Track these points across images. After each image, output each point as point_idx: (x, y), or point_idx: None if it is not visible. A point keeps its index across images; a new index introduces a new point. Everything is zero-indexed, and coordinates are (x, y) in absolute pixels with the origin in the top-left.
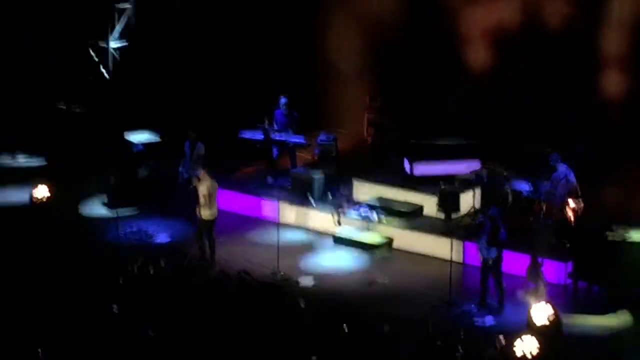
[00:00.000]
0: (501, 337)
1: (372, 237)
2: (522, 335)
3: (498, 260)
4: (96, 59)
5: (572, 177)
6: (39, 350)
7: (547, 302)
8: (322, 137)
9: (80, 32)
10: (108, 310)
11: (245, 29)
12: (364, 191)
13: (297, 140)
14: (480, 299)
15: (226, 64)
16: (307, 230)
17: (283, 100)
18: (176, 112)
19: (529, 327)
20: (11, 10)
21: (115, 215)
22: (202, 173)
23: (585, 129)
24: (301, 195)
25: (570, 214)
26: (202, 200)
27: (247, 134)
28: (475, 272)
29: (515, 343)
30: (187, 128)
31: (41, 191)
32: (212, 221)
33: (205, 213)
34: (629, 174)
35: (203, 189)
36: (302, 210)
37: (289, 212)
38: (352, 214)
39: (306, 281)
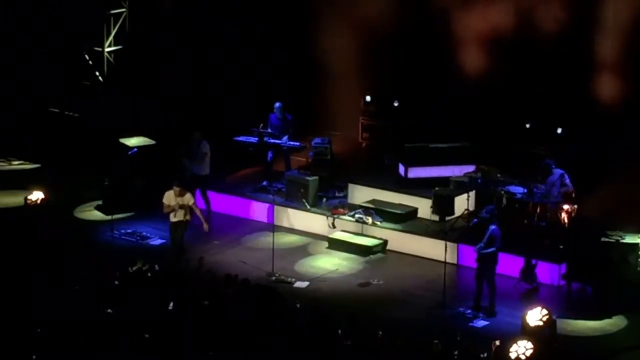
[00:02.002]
0: (496, 342)
1: (366, 240)
2: (516, 337)
3: (492, 260)
4: (91, 63)
5: (568, 181)
6: (33, 356)
7: (540, 303)
8: (316, 140)
9: (76, 36)
10: (103, 312)
11: (239, 32)
12: (359, 194)
13: (292, 144)
14: (475, 301)
15: (221, 68)
16: (302, 232)
17: (277, 104)
18: (171, 115)
19: (523, 329)
20: (6, 13)
21: (110, 218)
22: (180, 189)
23: (578, 131)
24: (296, 198)
25: (564, 216)
26: (185, 208)
27: (242, 138)
28: (469, 274)
29: (509, 345)
30: (193, 128)
31: (36, 194)
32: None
33: (185, 214)
34: (622, 176)
35: (189, 198)
36: (297, 213)
37: (284, 215)
38: (347, 216)
39: (300, 283)
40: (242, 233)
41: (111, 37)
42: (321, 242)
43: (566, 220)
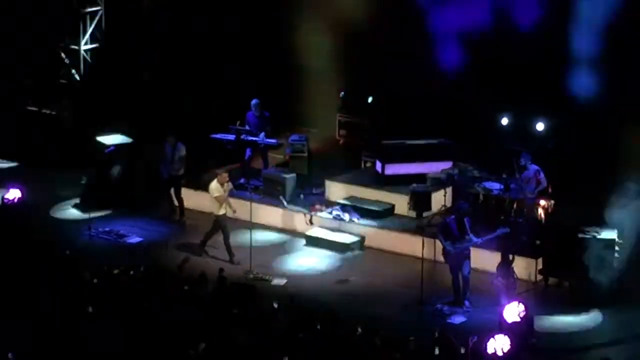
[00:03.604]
0: (474, 337)
1: (344, 237)
2: (493, 332)
3: (463, 254)
4: (67, 62)
5: (543, 176)
6: (10, 354)
7: (517, 299)
8: (293, 137)
9: (52, 35)
10: (83, 311)
11: (217, 30)
12: (336, 191)
13: (269, 141)
14: (454, 297)
15: (198, 65)
16: (279, 230)
17: (254, 101)
18: (148, 113)
19: (500, 325)
20: None
21: (87, 217)
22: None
23: (555, 127)
24: (273, 195)
25: (540, 212)
26: (227, 199)
27: (219, 135)
28: (446, 270)
29: (486, 341)
30: (166, 131)
31: (12, 193)
32: None
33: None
34: (599, 171)
35: (228, 188)
36: (274, 210)
37: (261, 213)
38: (324, 213)
39: (278, 281)
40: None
41: (87, 36)
42: (299, 239)
43: (542, 216)
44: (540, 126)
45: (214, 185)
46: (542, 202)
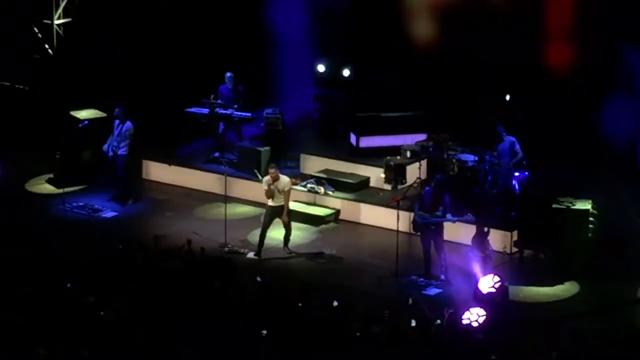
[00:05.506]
0: (449, 309)
1: (318, 210)
2: (468, 304)
3: (439, 228)
4: (40, 36)
5: (518, 148)
6: None
7: (493, 271)
8: (268, 110)
9: (25, 9)
10: (61, 287)
11: (190, 3)
12: (311, 164)
13: (240, 114)
14: (425, 269)
15: (171, 39)
16: (254, 203)
17: (228, 75)
18: (121, 87)
19: (476, 296)
20: None
21: (61, 191)
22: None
23: (528, 98)
24: (248, 169)
25: (515, 183)
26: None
27: (193, 109)
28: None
29: (462, 312)
30: (117, 105)
31: None
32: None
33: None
34: (573, 143)
35: (286, 184)
36: (249, 184)
37: (236, 186)
38: (299, 186)
39: (253, 254)
40: (194, 204)
41: (60, 10)
42: None
43: (517, 188)
44: (512, 97)
45: (265, 177)
46: (517, 174)
